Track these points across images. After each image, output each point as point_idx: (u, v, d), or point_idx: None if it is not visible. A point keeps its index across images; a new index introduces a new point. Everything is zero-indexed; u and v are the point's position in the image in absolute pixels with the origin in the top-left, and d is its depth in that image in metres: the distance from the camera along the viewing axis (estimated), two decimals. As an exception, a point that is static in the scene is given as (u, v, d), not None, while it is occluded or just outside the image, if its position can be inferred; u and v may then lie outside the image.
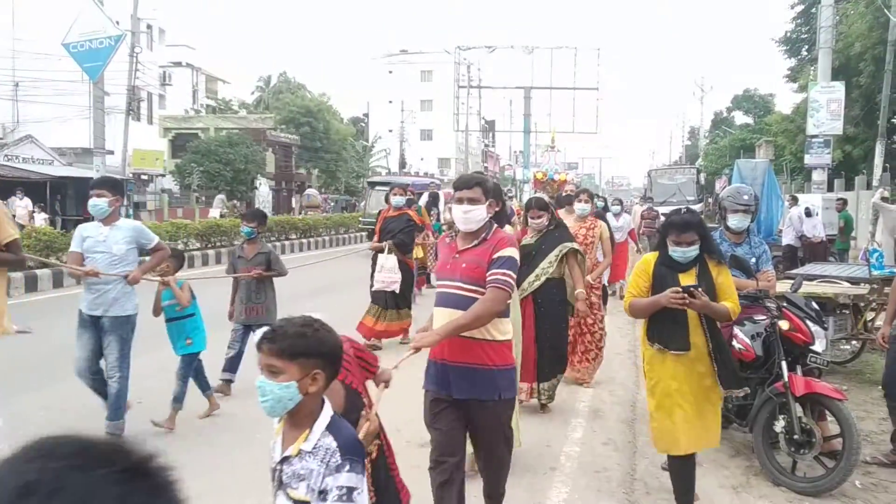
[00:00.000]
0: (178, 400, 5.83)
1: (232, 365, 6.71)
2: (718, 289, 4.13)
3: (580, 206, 7.52)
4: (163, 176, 37.46)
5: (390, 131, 59.69)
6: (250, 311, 6.74)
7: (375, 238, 9.16)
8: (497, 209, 4.76)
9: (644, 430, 5.94)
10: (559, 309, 6.22)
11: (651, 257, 4.29)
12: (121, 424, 5.39)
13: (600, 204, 16.12)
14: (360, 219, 25.63)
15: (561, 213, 7.87)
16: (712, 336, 4.13)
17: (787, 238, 14.60)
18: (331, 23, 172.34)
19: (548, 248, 6.13)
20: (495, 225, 3.76)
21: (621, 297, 13.63)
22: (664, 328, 4.14)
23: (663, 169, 41.40)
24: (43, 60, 27.41)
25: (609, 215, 13.14)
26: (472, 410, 3.58)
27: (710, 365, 4.13)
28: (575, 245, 6.21)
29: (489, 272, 3.53)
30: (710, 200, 33.81)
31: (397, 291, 8.71)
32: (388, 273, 8.68)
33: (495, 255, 3.55)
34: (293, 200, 41.48)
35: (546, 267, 6.07)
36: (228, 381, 6.67)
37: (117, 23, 21.03)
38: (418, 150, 62.46)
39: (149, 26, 38.33)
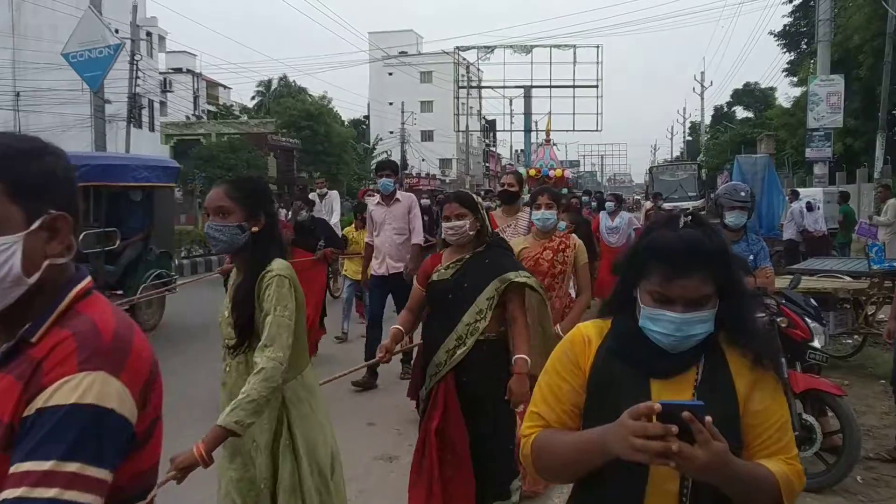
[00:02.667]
0: None
1: None
2: (752, 423, 1.67)
3: (541, 216, 4.73)
4: (165, 182, 37.55)
5: (391, 133, 59.73)
6: None
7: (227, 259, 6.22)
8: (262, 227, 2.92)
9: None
10: (502, 389, 3.56)
11: (591, 332, 1.82)
12: None
13: (593, 204, 14.54)
14: None
15: (497, 214, 6.05)
16: None
17: (789, 233, 14.60)
18: (330, 27, 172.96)
19: (474, 286, 3.59)
20: (71, 290, 1.31)
21: None
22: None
23: (664, 165, 41.48)
24: (44, 70, 27.54)
25: (603, 214, 11.74)
26: None
27: None
28: (521, 276, 3.59)
29: (13, 465, 1.14)
30: (713, 196, 33.78)
31: None
32: None
33: (30, 410, 1.18)
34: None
35: (474, 320, 3.53)
36: None
37: (116, 31, 21.14)
38: (419, 151, 62.49)
39: (148, 34, 38.50)
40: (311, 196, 11.95)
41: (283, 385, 2.80)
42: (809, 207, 14.55)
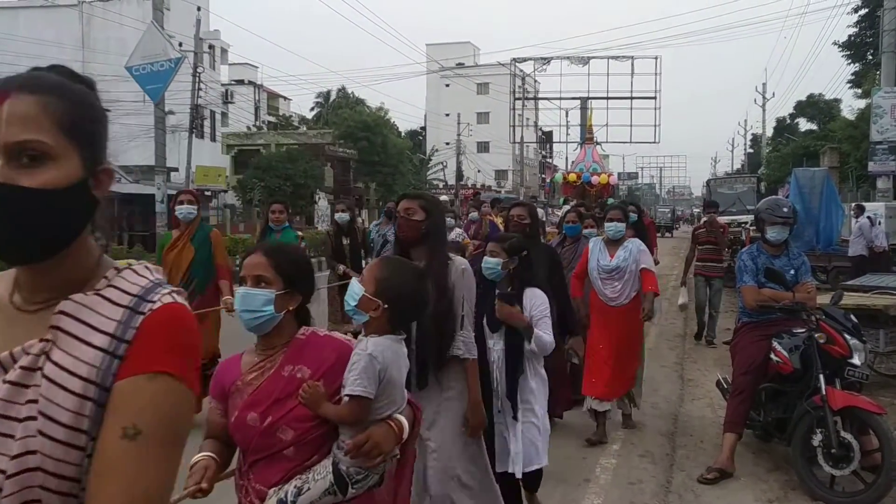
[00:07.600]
0: None
1: None
2: None
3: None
4: (225, 192, 38.43)
5: (447, 144, 60.07)
6: None
7: None
8: None
9: (684, 442, 5.94)
10: None
11: None
12: None
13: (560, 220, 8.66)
14: None
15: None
16: None
17: (857, 248, 14.17)
18: (388, 40, 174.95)
19: None
20: None
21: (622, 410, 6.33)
22: None
23: (722, 178, 40.77)
24: (111, 82, 28.53)
25: (594, 243, 6.23)
26: None
27: None
28: None
29: None
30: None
31: None
32: None
33: None
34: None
35: None
36: None
37: (180, 44, 21.83)
38: (475, 162, 62.65)
39: (211, 46, 39.51)
40: None
41: None
42: (871, 222, 14.17)
